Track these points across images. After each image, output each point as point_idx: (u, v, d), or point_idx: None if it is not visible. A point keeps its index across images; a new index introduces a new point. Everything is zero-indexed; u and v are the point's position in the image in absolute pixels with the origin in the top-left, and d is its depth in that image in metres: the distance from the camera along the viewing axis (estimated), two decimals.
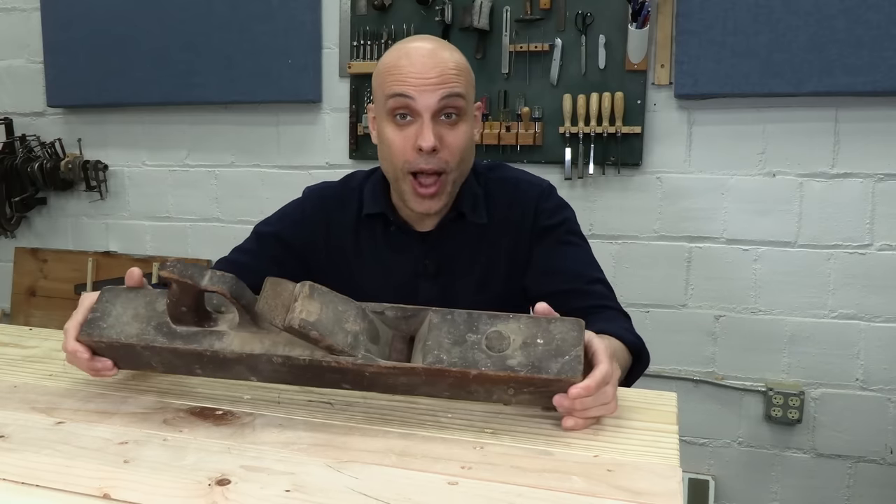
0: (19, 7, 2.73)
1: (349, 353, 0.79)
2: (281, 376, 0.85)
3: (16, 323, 2.60)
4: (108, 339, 0.86)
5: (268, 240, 1.22)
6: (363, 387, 0.84)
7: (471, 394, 0.82)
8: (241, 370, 0.85)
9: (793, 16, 1.95)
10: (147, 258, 2.67)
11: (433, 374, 0.79)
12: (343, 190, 1.23)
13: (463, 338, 0.80)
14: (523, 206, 1.17)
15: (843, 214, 2.03)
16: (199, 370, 0.87)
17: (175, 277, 0.80)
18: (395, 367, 0.80)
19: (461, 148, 1.07)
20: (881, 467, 2.08)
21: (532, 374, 0.77)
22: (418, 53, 1.05)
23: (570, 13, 2.14)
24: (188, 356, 0.85)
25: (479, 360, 0.78)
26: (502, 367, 0.77)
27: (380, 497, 0.65)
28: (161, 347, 0.84)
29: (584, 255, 1.19)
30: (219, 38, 2.44)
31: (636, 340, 1.03)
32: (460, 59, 1.08)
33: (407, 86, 1.03)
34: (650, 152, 2.15)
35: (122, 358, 0.89)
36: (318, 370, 0.82)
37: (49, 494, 0.66)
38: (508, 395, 0.81)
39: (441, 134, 1.05)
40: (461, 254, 1.18)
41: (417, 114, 1.04)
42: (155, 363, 0.88)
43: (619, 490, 0.67)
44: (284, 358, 0.81)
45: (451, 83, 1.04)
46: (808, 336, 2.09)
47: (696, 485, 2.19)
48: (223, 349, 0.82)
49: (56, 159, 2.69)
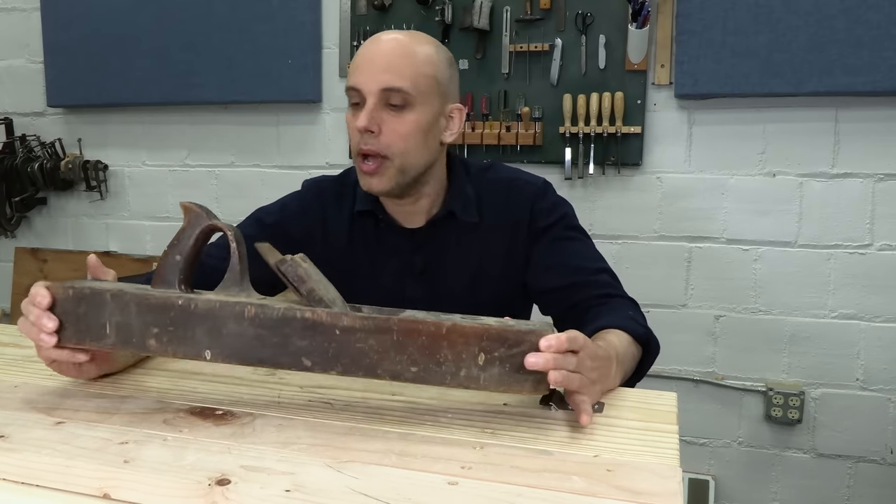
0: (19, 7, 2.73)
1: (326, 304, 0.80)
2: (243, 344, 0.81)
3: (16, 323, 2.60)
4: (80, 285, 0.85)
5: (269, 230, 1.21)
6: (327, 358, 0.80)
7: (439, 367, 0.79)
8: (201, 336, 0.82)
9: (793, 16, 1.95)
10: (147, 258, 2.67)
11: (407, 329, 0.79)
12: (339, 186, 1.24)
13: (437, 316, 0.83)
14: (519, 207, 1.17)
15: (843, 214, 2.03)
16: (155, 338, 0.83)
17: (190, 204, 0.85)
18: (370, 317, 0.79)
19: (404, 135, 1.07)
20: (881, 467, 2.08)
21: (505, 327, 0.78)
22: (375, 42, 1.08)
23: (570, 13, 2.14)
24: (154, 311, 0.82)
25: (454, 319, 0.80)
26: (476, 322, 0.80)
27: (380, 497, 0.65)
28: (131, 295, 0.83)
29: (584, 248, 1.18)
30: (219, 38, 2.44)
31: (643, 330, 1.02)
32: (420, 56, 1.07)
33: (357, 72, 1.07)
34: (650, 152, 2.16)
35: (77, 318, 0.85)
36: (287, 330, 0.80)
37: (49, 494, 0.66)
38: (478, 367, 0.79)
39: (382, 119, 1.06)
40: (450, 253, 1.18)
41: (364, 98, 1.07)
42: (110, 326, 0.84)
43: (619, 490, 0.67)
44: (258, 308, 0.81)
45: (392, 77, 1.05)
46: (808, 336, 2.09)
47: (696, 485, 2.19)
48: (197, 299, 0.82)
49: (56, 159, 2.69)
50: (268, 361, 0.82)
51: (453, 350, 0.79)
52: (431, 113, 1.09)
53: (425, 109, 1.08)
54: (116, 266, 3.00)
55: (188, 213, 0.85)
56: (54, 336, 0.84)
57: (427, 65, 1.08)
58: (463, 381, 0.79)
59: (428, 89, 1.08)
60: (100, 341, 0.85)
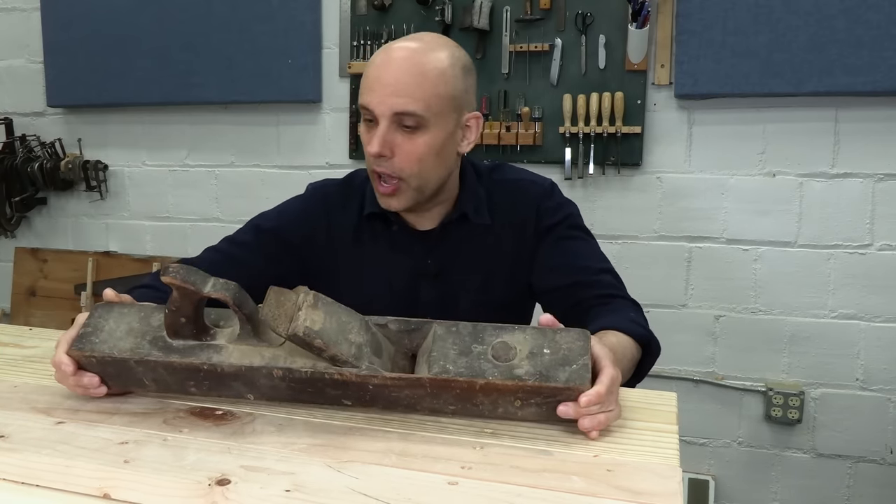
0: (19, 7, 2.73)
1: (353, 364, 0.78)
2: (280, 392, 0.83)
3: (16, 323, 2.60)
4: (100, 353, 0.83)
5: (265, 236, 1.20)
6: (364, 402, 0.82)
7: (476, 406, 0.80)
8: (237, 386, 0.83)
9: (793, 16, 1.95)
10: (147, 258, 2.67)
11: (439, 385, 0.78)
12: (346, 189, 1.23)
13: (468, 348, 0.80)
14: (525, 207, 1.17)
15: (843, 214, 2.03)
16: (194, 388, 0.85)
17: (177, 283, 0.79)
18: (401, 378, 0.78)
19: (417, 157, 1.05)
20: (881, 467, 2.08)
21: (540, 383, 0.76)
22: (386, 60, 1.04)
23: (570, 13, 2.14)
24: (184, 371, 0.82)
25: (486, 370, 0.77)
26: (510, 376, 0.76)
27: (380, 497, 0.65)
28: (156, 362, 0.82)
29: (588, 248, 1.18)
30: (219, 38, 2.44)
31: (643, 331, 1.02)
32: (440, 69, 1.03)
33: (368, 91, 1.04)
34: (650, 152, 2.15)
35: (113, 375, 0.86)
36: (319, 384, 0.80)
37: (49, 494, 0.66)
38: (515, 406, 0.79)
39: (395, 142, 1.04)
40: (463, 254, 1.17)
41: (376, 118, 1.05)
42: (148, 381, 0.85)
43: (619, 490, 0.67)
44: (285, 371, 0.79)
45: (403, 100, 1.01)
46: (808, 336, 2.09)
47: (696, 485, 2.19)
48: (221, 362, 0.81)
49: (56, 159, 2.69)
50: (308, 402, 0.84)
51: (489, 398, 0.79)
52: (446, 131, 1.07)
53: (439, 129, 1.05)
54: (116, 266, 2.97)
55: (176, 290, 0.80)
56: (103, 387, 0.87)
57: (440, 83, 1.03)
58: (501, 416, 0.81)
59: (442, 108, 1.04)
60: (144, 389, 0.87)
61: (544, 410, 0.79)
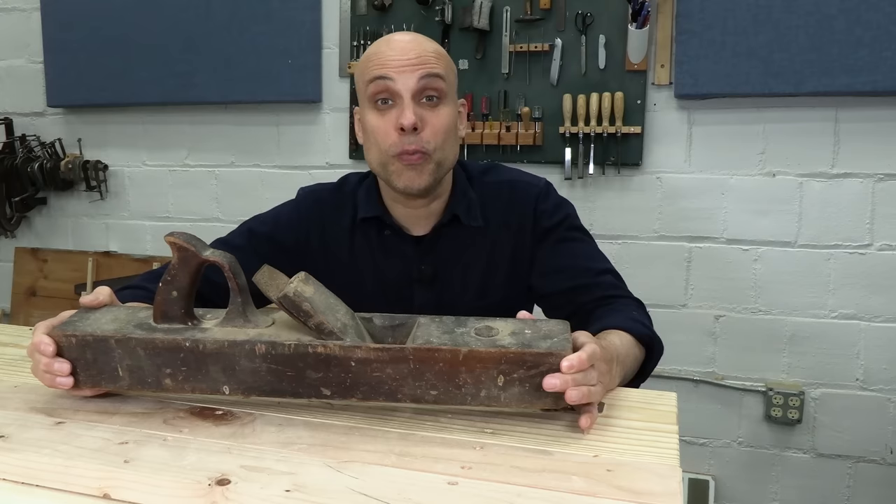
0: (19, 7, 2.73)
1: (338, 336, 0.79)
2: (259, 379, 0.82)
3: (16, 323, 2.60)
4: (81, 332, 0.83)
5: (260, 240, 1.19)
6: (345, 387, 0.81)
7: (459, 389, 0.79)
8: (216, 373, 0.82)
9: (793, 16, 1.95)
10: (147, 258, 2.67)
11: (423, 358, 0.78)
12: (338, 194, 1.22)
13: (452, 329, 0.82)
14: (521, 209, 1.17)
15: (843, 214, 2.03)
16: (170, 378, 0.83)
17: (179, 242, 0.82)
18: (385, 348, 0.79)
19: (443, 128, 1.06)
20: (881, 467, 2.08)
21: (523, 349, 0.77)
22: (397, 39, 1.07)
23: (570, 13, 2.14)
24: (164, 354, 0.82)
25: (470, 342, 0.79)
26: (493, 345, 0.78)
27: (380, 497, 0.65)
28: (137, 339, 0.82)
29: (588, 249, 1.18)
30: (219, 38, 2.44)
31: (646, 331, 1.01)
32: (440, 49, 1.10)
33: (387, 68, 1.04)
34: (650, 152, 2.16)
35: (90, 362, 0.84)
36: (300, 364, 0.80)
37: (49, 494, 0.66)
38: (498, 387, 0.79)
39: (422, 114, 1.05)
40: (458, 258, 1.17)
41: (398, 96, 1.04)
42: (122, 370, 0.83)
43: (618, 490, 0.67)
44: (268, 346, 0.80)
45: (431, 64, 1.05)
46: (808, 336, 2.09)
47: (696, 485, 2.19)
48: (204, 339, 0.81)
49: (56, 159, 2.69)
50: (287, 393, 0.83)
51: (472, 374, 0.79)
52: (455, 106, 1.12)
53: (452, 102, 1.10)
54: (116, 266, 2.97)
55: (177, 251, 0.82)
56: (70, 378, 0.84)
57: (447, 59, 1.10)
58: (483, 401, 0.80)
59: (453, 83, 1.10)
60: (115, 383, 0.85)
61: (528, 389, 0.78)
